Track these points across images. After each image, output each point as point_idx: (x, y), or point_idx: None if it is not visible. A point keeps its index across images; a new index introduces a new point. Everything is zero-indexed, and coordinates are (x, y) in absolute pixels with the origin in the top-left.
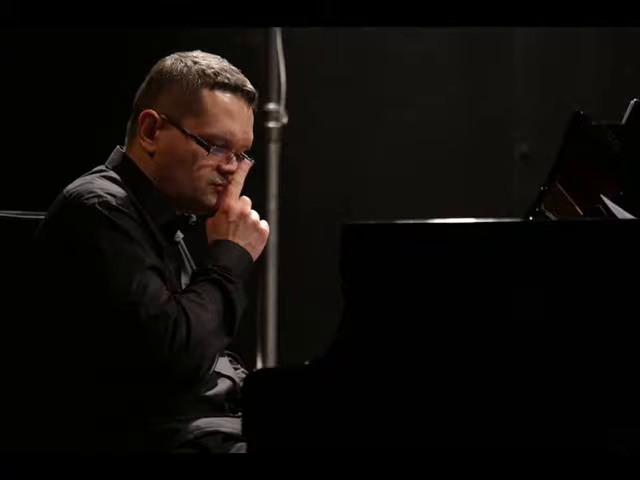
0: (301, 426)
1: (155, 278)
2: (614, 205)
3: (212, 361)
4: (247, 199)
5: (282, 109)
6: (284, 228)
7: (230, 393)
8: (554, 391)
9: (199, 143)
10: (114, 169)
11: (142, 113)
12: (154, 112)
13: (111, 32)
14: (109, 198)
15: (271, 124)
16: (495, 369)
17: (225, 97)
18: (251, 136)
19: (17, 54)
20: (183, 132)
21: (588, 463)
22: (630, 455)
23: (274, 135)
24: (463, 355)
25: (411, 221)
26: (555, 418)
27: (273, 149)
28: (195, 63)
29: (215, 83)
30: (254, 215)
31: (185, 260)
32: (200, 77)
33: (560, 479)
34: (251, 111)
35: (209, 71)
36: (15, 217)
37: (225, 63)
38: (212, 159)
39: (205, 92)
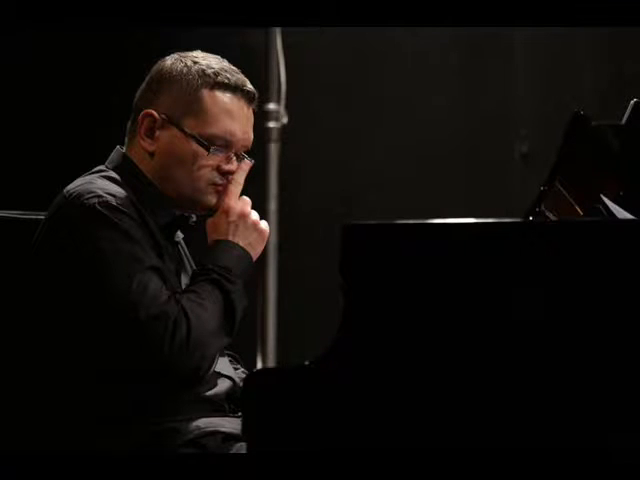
0: (301, 426)
1: (155, 278)
2: (614, 205)
3: (212, 361)
4: (247, 199)
5: (282, 109)
6: (284, 228)
7: (230, 393)
8: (554, 391)
9: (199, 143)
10: (114, 169)
11: (142, 113)
12: (154, 112)
13: (111, 32)
14: (109, 198)
15: (271, 124)
16: (495, 368)
17: (225, 97)
18: (251, 136)
19: (17, 54)
20: (183, 132)
21: (588, 463)
22: (630, 455)
23: (274, 135)
24: (463, 356)
25: (411, 221)
26: (555, 418)
27: (273, 149)
28: (195, 63)
29: (215, 83)
30: (254, 215)
31: (185, 260)
32: (200, 77)
33: (560, 479)
34: (251, 111)
35: (209, 71)
36: (15, 217)
37: (225, 63)
38: (212, 159)
39: (205, 92)
